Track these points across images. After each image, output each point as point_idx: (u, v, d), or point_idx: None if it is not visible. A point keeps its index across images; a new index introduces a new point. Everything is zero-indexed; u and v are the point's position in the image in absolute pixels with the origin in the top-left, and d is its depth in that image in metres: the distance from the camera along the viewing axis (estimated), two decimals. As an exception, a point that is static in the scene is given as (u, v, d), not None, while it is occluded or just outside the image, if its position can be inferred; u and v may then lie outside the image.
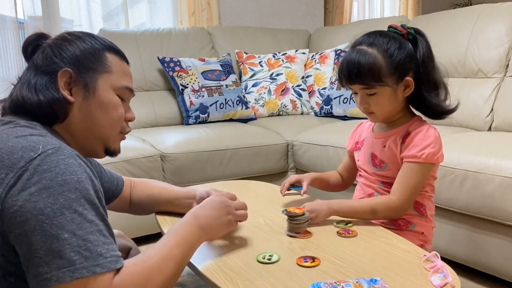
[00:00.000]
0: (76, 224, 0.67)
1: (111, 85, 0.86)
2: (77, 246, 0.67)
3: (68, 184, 0.68)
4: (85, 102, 0.83)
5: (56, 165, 0.69)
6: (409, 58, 1.07)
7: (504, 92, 1.96)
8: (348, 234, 1.05)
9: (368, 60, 1.05)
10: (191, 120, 2.44)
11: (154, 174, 1.94)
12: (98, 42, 0.87)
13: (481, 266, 1.51)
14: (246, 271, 0.88)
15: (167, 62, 2.53)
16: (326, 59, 2.75)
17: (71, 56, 0.83)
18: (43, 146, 0.71)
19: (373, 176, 1.19)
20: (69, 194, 0.68)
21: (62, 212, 0.67)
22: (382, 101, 1.09)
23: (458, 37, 2.15)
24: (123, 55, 0.91)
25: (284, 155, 2.26)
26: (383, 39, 1.08)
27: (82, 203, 0.69)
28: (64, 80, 0.81)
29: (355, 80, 1.08)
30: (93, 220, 0.70)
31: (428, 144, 1.07)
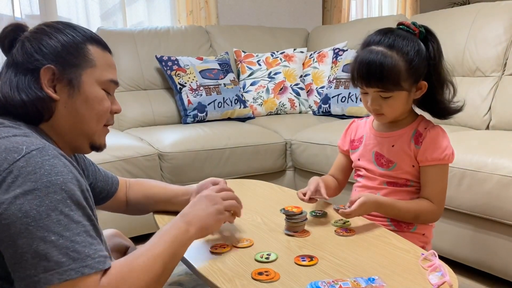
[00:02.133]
0: (62, 226, 0.67)
1: (95, 80, 0.84)
2: (65, 248, 0.66)
3: (54, 185, 0.67)
4: (70, 99, 0.82)
5: (41, 166, 0.68)
6: (424, 62, 1.05)
7: (502, 90, 1.96)
8: (346, 233, 1.05)
9: (390, 64, 1.02)
10: (189, 119, 2.44)
11: (152, 173, 1.94)
12: (79, 34, 0.84)
13: (479, 265, 1.51)
14: (244, 270, 0.88)
15: (165, 61, 2.52)
16: (324, 58, 2.74)
17: (52, 51, 0.80)
18: (26, 146, 0.69)
19: (378, 176, 1.18)
20: (54, 196, 0.67)
21: (48, 214, 0.66)
22: (395, 104, 1.08)
23: (456, 35, 2.15)
24: (105, 45, 0.88)
25: (282, 154, 2.26)
26: (402, 42, 1.04)
27: (68, 204, 0.68)
28: (47, 78, 0.80)
29: (373, 83, 1.05)
30: (80, 221, 0.69)
31: (446, 145, 1.09)
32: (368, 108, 1.11)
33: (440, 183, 1.11)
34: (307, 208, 1.16)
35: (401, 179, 1.14)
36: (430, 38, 1.08)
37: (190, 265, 0.93)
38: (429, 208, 1.09)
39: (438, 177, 1.11)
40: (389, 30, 1.08)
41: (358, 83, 1.08)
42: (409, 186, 1.15)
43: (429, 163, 1.09)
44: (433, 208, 1.09)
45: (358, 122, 1.28)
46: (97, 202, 1.10)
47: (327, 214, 1.17)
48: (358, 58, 1.07)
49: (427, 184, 1.11)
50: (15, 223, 0.65)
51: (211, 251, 0.97)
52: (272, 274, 0.85)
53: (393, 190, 1.15)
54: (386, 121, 1.15)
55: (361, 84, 1.07)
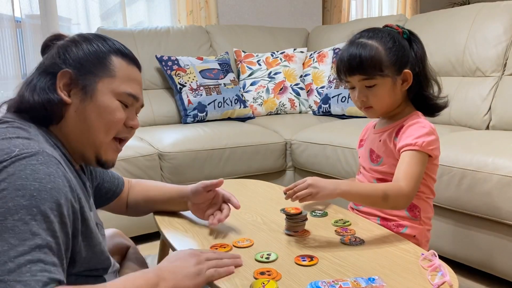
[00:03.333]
0: (15, 233, 0.62)
1: (111, 90, 0.83)
2: (6, 256, 0.60)
3: (25, 189, 0.64)
4: (81, 105, 0.82)
5: (22, 169, 0.66)
6: (406, 52, 1.10)
7: (502, 90, 1.96)
8: (346, 233, 1.05)
9: (369, 51, 1.06)
10: (189, 119, 2.44)
11: (152, 173, 1.94)
12: (106, 45, 0.84)
13: (479, 265, 1.51)
14: (244, 270, 0.88)
15: (165, 60, 2.52)
16: (324, 58, 2.74)
17: (74, 57, 0.82)
18: (19, 149, 0.68)
19: (369, 172, 1.19)
20: (21, 200, 0.63)
21: (5, 217, 0.62)
22: (381, 93, 1.09)
23: (456, 36, 2.15)
24: (133, 59, 0.88)
25: (282, 154, 2.26)
26: (382, 34, 1.10)
27: (33, 212, 0.63)
28: (63, 81, 0.81)
29: (356, 70, 1.08)
30: (39, 233, 0.63)
31: (422, 134, 1.06)
32: (357, 104, 1.14)
33: (410, 167, 1.03)
34: (307, 208, 1.17)
35: (389, 175, 1.13)
36: (413, 38, 1.13)
37: (190, 265, 0.93)
38: (397, 189, 1.01)
39: (408, 162, 1.04)
40: (371, 28, 1.13)
41: (342, 75, 1.11)
42: None
43: (402, 149, 1.07)
44: (402, 190, 1.01)
45: (371, 123, 1.29)
46: (102, 203, 1.09)
47: (327, 214, 1.18)
48: (340, 52, 1.13)
49: (397, 169, 1.05)
50: None
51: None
52: (274, 274, 0.85)
53: None
54: (375, 116, 1.16)
55: (345, 75, 1.10)
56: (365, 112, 1.15)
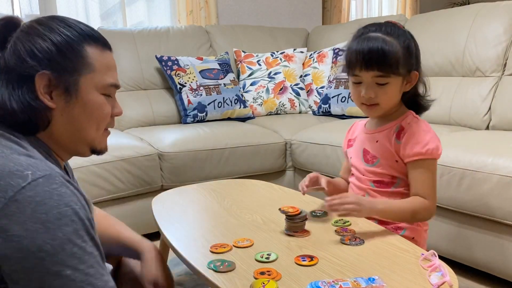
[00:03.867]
0: (77, 259, 0.65)
1: (94, 85, 0.79)
2: (80, 282, 0.65)
3: (65, 217, 0.65)
4: (67, 107, 0.77)
5: (50, 196, 0.65)
6: (416, 52, 1.10)
7: (501, 90, 1.96)
8: (346, 233, 1.05)
9: (390, 47, 1.04)
10: (189, 119, 2.44)
11: (152, 173, 1.94)
12: (75, 33, 0.77)
13: (479, 265, 1.51)
14: (244, 270, 0.88)
15: (165, 60, 2.52)
16: (324, 58, 2.74)
17: (47, 55, 0.74)
18: (32, 172, 0.66)
19: (364, 174, 1.18)
20: (66, 228, 0.65)
21: (62, 247, 0.64)
22: (391, 92, 1.08)
23: (456, 36, 2.15)
24: (104, 42, 0.82)
25: (282, 154, 2.26)
26: (398, 30, 1.08)
27: (81, 235, 0.67)
28: (43, 84, 0.75)
29: (374, 66, 1.04)
30: (92, 251, 0.68)
31: (428, 140, 1.08)
32: (360, 99, 1.10)
33: (428, 178, 1.08)
34: (307, 208, 1.16)
35: (386, 176, 1.14)
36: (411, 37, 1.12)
37: (190, 265, 0.93)
38: (423, 205, 1.07)
39: (424, 172, 1.08)
40: (385, 22, 1.11)
41: (355, 69, 1.06)
42: (396, 186, 1.13)
43: (412, 158, 1.08)
44: (428, 205, 1.08)
45: (358, 123, 1.29)
46: None
47: (327, 214, 1.17)
48: (355, 45, 1.07)
49: (415, 181, 1.09)
50: (28, 257, 0.63)
51: (211, 251, 0.97)
52: (274, 274, 0.85)
53: (378, 191, 1.15)
54: (378, 114, 1.13)
55: (359, 69, 1.06)
56: (368, 110, 1.12)
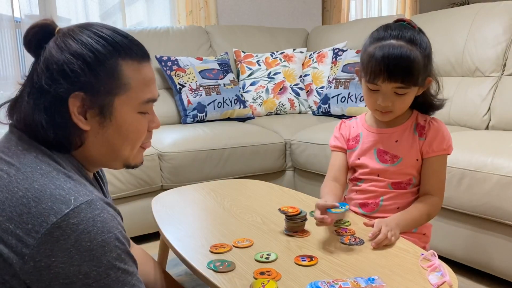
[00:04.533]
0: (121, 282, 0.67)
1: (130, 105, 0.75)
2: None
3: (109, 244, 0.66)
4: (101, 129, 0.75)
5: (93, 224, 0.65)
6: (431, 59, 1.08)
7: (501, 91, 1.96)
8: (346, 233, 1.05)
9: (415, 59, 1.01)
10: (189, 119, 2.44)
11: (152, 173, 1.94)
12: (110, 48, 0.73)
13: (478, 265, 1.51)
14: (244, 270, 0.88)
15: (164, 61, 2.52)
16: (324, 58, 2.75)
17: (79, 76, 0.71)
18: (74, 198, 0.65)
19: (380, 175, 1.15)
20: (111, 254, 0.66)
21: (107, 273, 0.65)
22: (408, 100, 1.09)
23: (456, 36, 2.15)
24: (142, 54, 0.77)
25: (282, 154, 2.26)
26: (418, 37, 1.04)
27: (123, 258, 0.68)
28: (76, 106, 0.72)
29: (398, 78, 1.01)
30: (133, 271, 0.70)
31: (449, 136, 1.13)
32: (376, 106, 1.08)
33: (442, 174, 1.13)
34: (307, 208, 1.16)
35: (406, 176, 1.13)
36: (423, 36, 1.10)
37: (190, 265, 0.93)
38: (435, 204, 1.11)
39: (440, 167, 1.13)
40: (404, 26, 1.06)
41: (377, 78, 1.03)
42: (411, 186, 1.14)
43: (435, 153, 1.11)
44: (438, 202, 1.11)
45: (348, 122, 1.26)
46: None
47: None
48: (378, 53, 1.02)
49: (430, 176, 1.12)
50: (75, 283, 0.64)
51: (211, 251, 0.97)
52: (273, 274, 0.85)
53: (397, 193, 1.13)
54: (390, 119, 1.12)
55: (383, 80, 1.02)
56: (382, 115, 1.10)
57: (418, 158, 1.13)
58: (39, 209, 0.63)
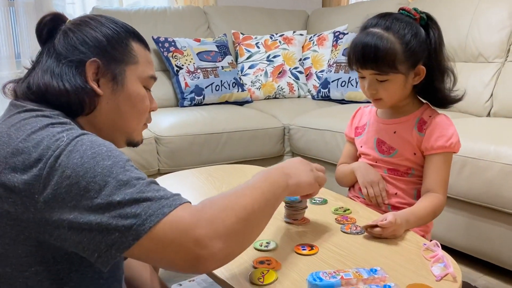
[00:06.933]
0: (125, 184, 0.62)
1: (138, 77, 0.82)
2: (138, 195, 0.62)
3: (99, 154, 0.64)
4: (113, 95, 0.79)
5: (82, 144, 0.65)
6: (422, 46, 1.04)
7: (504, 77, 1.93)
8: (346, 221, 1.04)
9: (385, 45, 1.01)
10: (186, 102, 2.40)
11: (149, 156, 1.91)
12: (122, 29, 0.82)
13: (479, 253, 1.50)
14: (243, 259, 0.86)
15: (161, 42, 2.47)
16: (324, 41, 2.70)
17: (98, 44, 0.78)
18: (66, 134, 0.66)
19: (379, 162, 1.16)
20: (104, 162, 0.63)
21: (105, 181, 0.62)
22: (392, 89, 1.06)
23: (459, 20, 2.11)
24: (146, 42, 0.87)
25: (280, 139, 2.23)
26: (400, 24, 1.03)
27: (122, 165, 0.64)
28: (92, 71, 0.77)
29: (369, 65, 1.04)
30: (141, 176, 0.65)
31: (452, 133, 1.08)
32: (366, 93, 1.10)
33: (445, 172, 1.09)
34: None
35: (402, 166, 1.13)
36: (431, 24, 1.06)
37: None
38: (440, 202, 1.07)
39: (442, 166, 1.08)
40: (388, 14, 1.07)
41: (354, 66, 1.07)
42: (409, 176, 1.13)
43: (435, 151, 1.08)
44: (442, 200, 1.08)
45: (364, 109, 1.26)
46: None
47: (327, 201, 1.16)
48: (354, 41, 1.07)
49: (431, 174, 1.08)
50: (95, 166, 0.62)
51: None
52: (273, 263, 0.84)
53: (393, 178, 1.14)
54: (384, 107, 1.13)
55: (357, 67, 1.06)
56: (374, 103, 1.13)
57: (417, 152, 1.10)
58: (38, 152, 0.64)
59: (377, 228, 0.93)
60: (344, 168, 1.25)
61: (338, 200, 1.17)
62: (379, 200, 1.14)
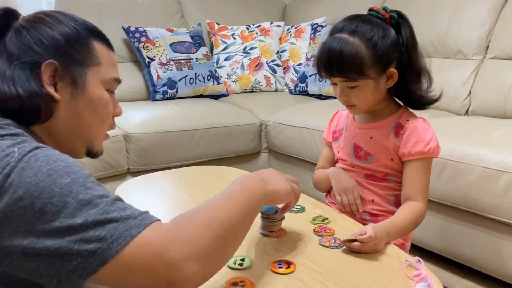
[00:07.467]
0: (90, 204, 0.57)
1: (100, 79, 0.76)
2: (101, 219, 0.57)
3: (56, 171, 0.58)
4: (72, 100, 0.73)
5: (37, 160, 0.59)
6: (393, 48, 0.99)
7: (482, 75, 1.91)
8: (325, 233, 0.99)
9: (350, 51, 0.96)
10: (158, 95, 2.30)
11: (118, 156, 1.82)
12: (82, 28, 0.75)
13: (456, 256, 1.49)
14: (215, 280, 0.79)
15: (132, 32, 2.35)
16: (302, 34, 2.63)
17: (54, 44, 0.71)
18: (18, 149, 0.59)
19: (356, 168, 1.12)
20: (62, 180, 0.58)
21: (64, 202, 0.56)
22: (363, 95, 1.02)
23: (439, 15, 2.08)
24: (110, 43, 0.81)
25: (257, 136, 2.17)
26: (366, 26, 0.99)
27: (81, 182, 0.59)
28: (48, 74, 0.70)
29: (335, 72, 1.00)
30: (104, 194, 0.60)
31: (431, 138, 1.03)
32: (340, 100, 1.06)
33: (424, 179, 1.05)
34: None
35: (379, 173, 1.09)
36: (402, 23, 1.01)
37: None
38: (421, 210, 1.03)
39: (422, 172, 1.04)
40: (355, 16, 1.02)
41: (322, 73, 1.04)
42: (387, 181, 1.09)
43: (413, 157, 1.03)
44: (423, 208, 1.03)
45: (342, 113, 1.21)
46: None
47: (304, 209, 1.10)
48: (320, 47, 1.02)
49: (411, 181, 1.04)
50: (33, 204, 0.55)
51: None
52: (247, 285, 0.78)
53: (370, 183, 1.10)
54: (359, 113, 1.10)
55: (325, 74, 1.03)
56: (348, 109, 1.09)
57: (394, 158, 1.06)
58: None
59: (356, 243, 0.88)
60: (321, 173, 1.21)
61: (316, 207, 1.12)
62: (353, 208, 1.09)
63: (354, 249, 0.89)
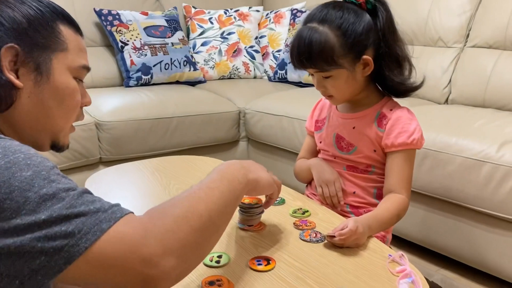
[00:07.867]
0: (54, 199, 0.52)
1: (67, 66, 0.71)
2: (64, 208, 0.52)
3: (15, 164, 0.53)
4: (36, 88, 0.68)
5: None
6: (366, 33, 0.95)
7: (463, 63, 1.90)
8: (306, 226, 0.95)
9: (319, 41, 0.93)
10: (132, 81, 2.21)
11: (89, 144, 1.74)
12: (48, 9, 0.70)
13: (435, 247, 1.49)
14: (190, 278, 0.75)
15: (104, 15, 2.24)
16: (281, 19, 2.57)
17: (16, 27, 0.65)
18: None
19: (337, 159, 1.09)
20: (23, 173, 0.53)
21: (25, 197, 0.51)
22: (339, 84, 0.98)
23: (420, 2, 2.05)
24: (78, 27, 0.76)
25: (235, 124, 2.11)
26: (336, 13, 0.94)
27: (44, 175, 0.54)
28: (8, 59, 0.65)
29: (306, 63, 0.97)
30: (71, 187, 0.55)
31: (414, 128, 1.00)
32: (319, 90, 1.03)
33: (407, 170, 1.02)
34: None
35: (361, 164, 1.06)
36: (379, 7, 0.97)
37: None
38: (403, 203, 1.00)
39: (405, 164, 1.01)
40: (327, 4, 0.98)
41: (295, 66, 1.01)
42: (370, 173, 1.06)
43: (396, 148, 1.00)
44: (406, 201, 1.01)
45: (324, 102, 1.17)
46: None
47: (284, 201, 1.06)
48: (292, 38, 1.00)
49: (394, 173, 1.01)
50: None
51: None
52: (225, 284, 0.74)
53: (352, 175, 1.07)
54: (338, 103, 1.07)
55: (297, 66, 1.00)
56: (328, 100, 1.06)
57: (377, 149, 1.03)
58: None
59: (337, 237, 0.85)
60: (302, 164, 1.17)
61: (297, 199, 1.09)
62: (334, 201, 1.06)
63: (336, 244, 0.86)
